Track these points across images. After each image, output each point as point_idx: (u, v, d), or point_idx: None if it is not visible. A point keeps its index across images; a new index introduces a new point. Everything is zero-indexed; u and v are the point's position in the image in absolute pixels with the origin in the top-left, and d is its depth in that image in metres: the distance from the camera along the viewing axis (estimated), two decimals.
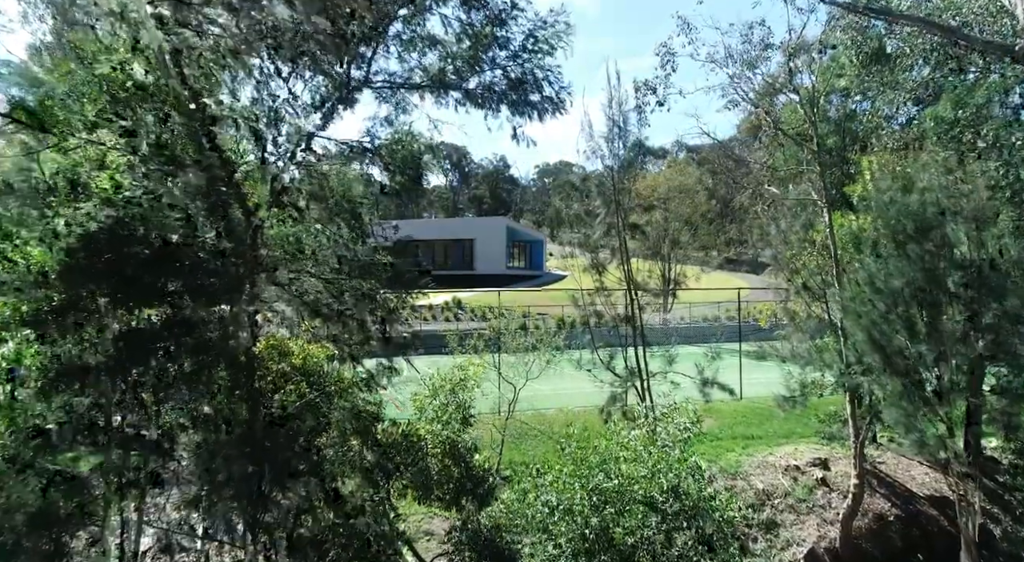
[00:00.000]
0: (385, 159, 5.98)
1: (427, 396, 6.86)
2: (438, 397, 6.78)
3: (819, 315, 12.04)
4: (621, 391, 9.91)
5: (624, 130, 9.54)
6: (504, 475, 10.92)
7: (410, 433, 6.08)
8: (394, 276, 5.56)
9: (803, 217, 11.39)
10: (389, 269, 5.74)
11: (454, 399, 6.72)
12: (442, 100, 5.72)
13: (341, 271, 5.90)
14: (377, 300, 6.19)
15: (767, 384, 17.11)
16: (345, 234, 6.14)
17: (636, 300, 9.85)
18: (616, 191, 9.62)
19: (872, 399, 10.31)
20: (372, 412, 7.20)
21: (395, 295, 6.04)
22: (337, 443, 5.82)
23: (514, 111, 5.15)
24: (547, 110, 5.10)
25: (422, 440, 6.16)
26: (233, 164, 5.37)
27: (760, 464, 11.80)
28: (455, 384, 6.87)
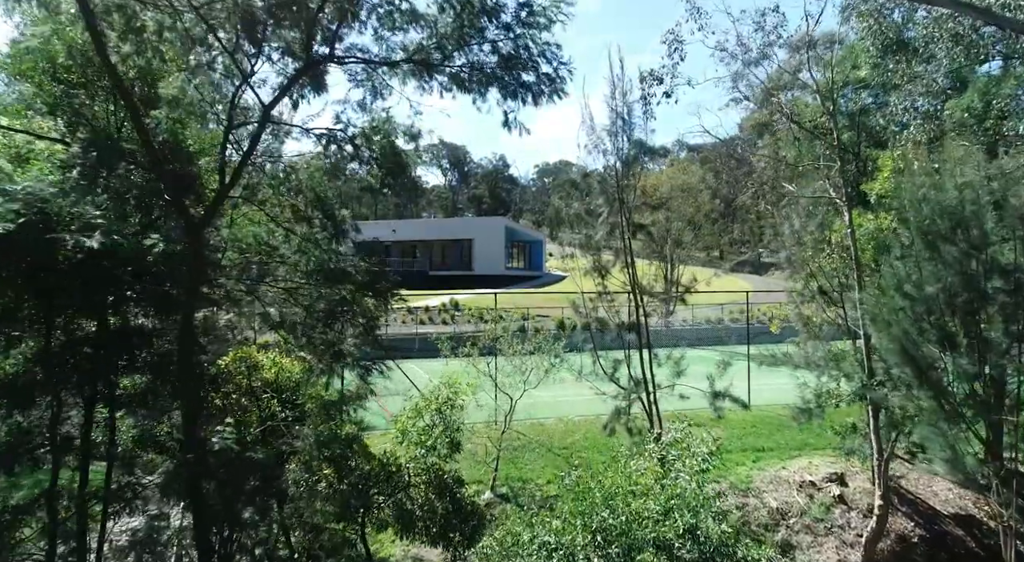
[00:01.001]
0: (360, 148, 5.26)
1: (410, 417, 6.15)
2: (423, 417, 6.06)
3: (835, 321, 11.33)
4: (625, 404, 9.19)
5: (628, 122, 8.83)
6: (500, 492, 10.22)
7: (388, 462, 5.36)
8: (370, 281, 4.84)
9: (819, 216, 10.67)
10: (366, 274, 5.04)
11: (441, 420, 6.01)
12: (425, 83, 5.01)
13: (312, 275, 5.20)
14: (355, 307, 5.49)
15: (776, 390, 16.39)
16: (318, 235, 5.44)
17: (642, 306, 9.13)
18: (620, 188, 8.90)
19: (897, 413, 9.59)
20: (351, 434, 6.49)
21: (374, 301, 5.35)
22: (308, 471, 5.11)
23: (505, 93, 4.44)
24: (543, 92, 4.39)
25: (403, 469, 5.45)
26: (183, 154, 4.66)
27: (773, 479, 11.09)
28: (442, 403, 6.16)
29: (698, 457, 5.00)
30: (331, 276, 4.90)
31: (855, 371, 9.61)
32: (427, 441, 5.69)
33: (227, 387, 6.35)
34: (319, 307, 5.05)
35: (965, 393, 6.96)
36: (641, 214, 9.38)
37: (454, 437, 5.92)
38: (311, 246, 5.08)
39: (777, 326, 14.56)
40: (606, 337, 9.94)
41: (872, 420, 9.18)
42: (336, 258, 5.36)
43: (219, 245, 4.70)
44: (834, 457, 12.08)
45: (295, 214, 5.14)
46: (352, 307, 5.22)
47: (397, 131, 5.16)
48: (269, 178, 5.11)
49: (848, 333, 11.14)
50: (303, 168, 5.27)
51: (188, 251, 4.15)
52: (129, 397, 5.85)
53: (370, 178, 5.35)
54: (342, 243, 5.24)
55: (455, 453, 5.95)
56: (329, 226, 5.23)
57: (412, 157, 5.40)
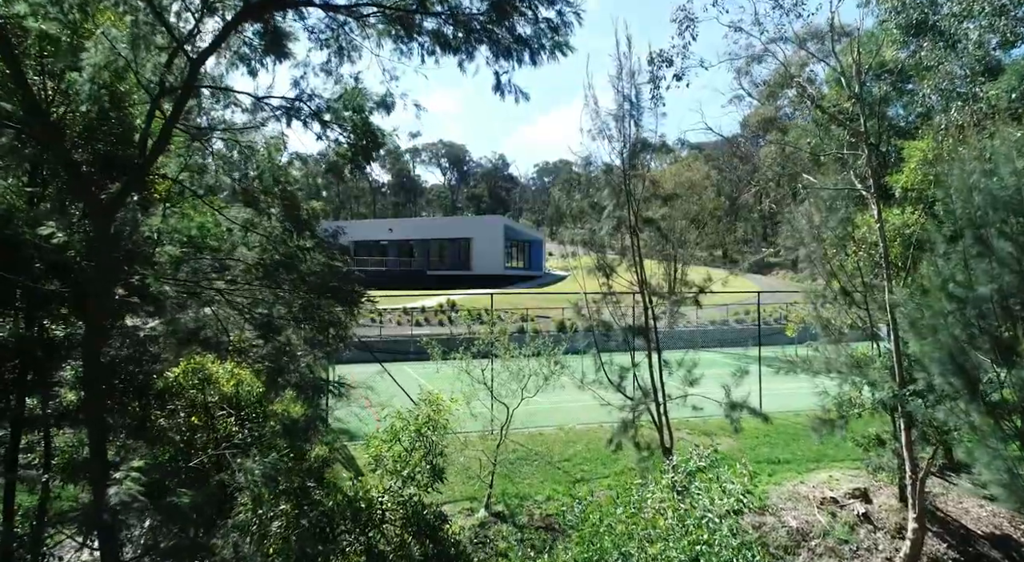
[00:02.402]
0: (329, 126, 4.43)
1: (384, 440, 5.30)
2: (400, 441, 5.22)
3: (856, 323, 10.52)
4: (633, 417, 8.36)
5: (637, 106, 8.00)
6: (496, 511, 9.38)
7: (356, 497, 4.54)
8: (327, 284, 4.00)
9: (841, 211, 9.84)
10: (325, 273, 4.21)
11: (421, 443, 5.18)
12: (403, 44, 4.17)
13: (269, 275, 4.36)
14: (318, 312, 4.66)
15: (789, 396, 15.55)
16: (276, 227, 4.60)
17: (651, 308, 8.31)
18: (626, 179, 8.07)
19: (930, 428, 8.77)
20: (322, 458, 5.65)
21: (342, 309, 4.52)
22: (257, 511, 4.28)
23: (496, 51, 3.60)
24: (543, 47, 3.56)
25: (374, 504, 4.62)
26: (112, 129, 3.82)
27: (791, 495, 10.26)
28: (422, 423, 5.32)
29: (730, 494, 4.17)
30: (271, 275, 4.08)
31: (884, 379, 8.80)
32: (404, 469, 4.86)
33: (175, 403, 5.51)
34: (259, 313, 4.25)
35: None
36: (648, 207, 8.52)
37: (436, 463, 5.08)
38: (264, 240, 4.27)
39: (793, 329, 13.73)
40: (610, 342, 9.11)
41: (904, 434, 8.35)
42: (302, 256, 4.54)
43: (150, 236, 3.89)
44: (855, 470, 11.26)
45: (246, 201, 4.33)
46: (315, 312, 4.42)
47: (369, 104, 4.34)
48: (218, 159, 4.30)
49: (872, 337, 10.35)
50: (262, 149, 4.45)
51: (97, 241, 3.34)
52: (58, 416, 5.02)
53: (340, 156, 4.53)
54: (303, 238, 4.42)
55: (437, 483, 5.12)
56: (291, 215, 4.41)
57: (390, 137, 4.59)
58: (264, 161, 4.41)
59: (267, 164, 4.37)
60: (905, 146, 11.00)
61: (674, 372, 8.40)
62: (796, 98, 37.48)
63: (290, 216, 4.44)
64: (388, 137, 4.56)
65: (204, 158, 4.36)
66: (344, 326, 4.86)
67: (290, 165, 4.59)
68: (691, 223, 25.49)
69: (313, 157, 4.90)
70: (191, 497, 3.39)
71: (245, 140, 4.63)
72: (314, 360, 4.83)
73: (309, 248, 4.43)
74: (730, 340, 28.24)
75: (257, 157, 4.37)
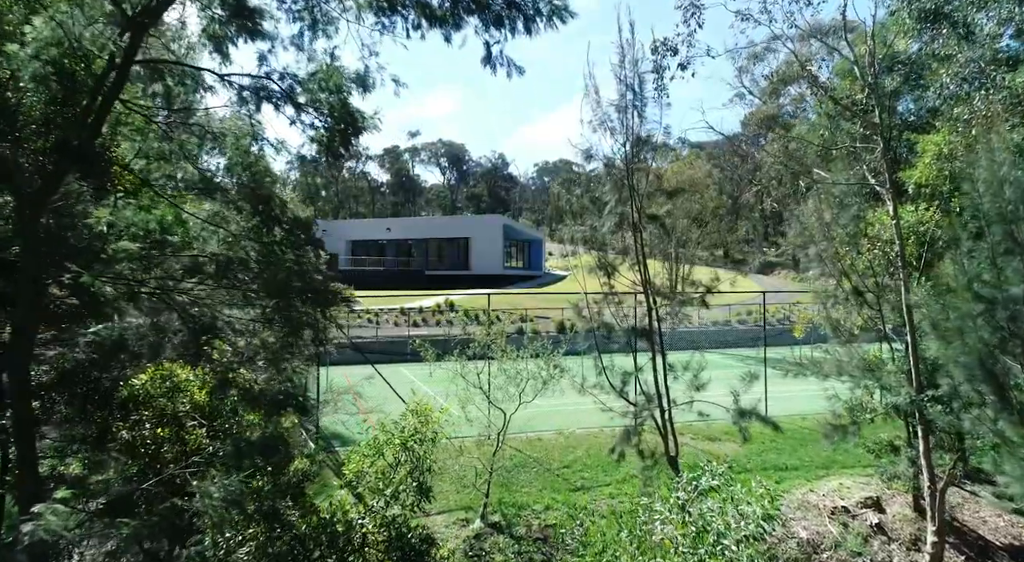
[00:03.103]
0: (304, 109, 4.00)
1: (366, 454, 4.85)
2: (383, 455, 4.78)
3: (868, 324, 10.09)
4: (636, 424, 7.93)
5: (640, 95, 7.57)
6: (492, 521, 8.95)
7: (334, 519, 4.10)
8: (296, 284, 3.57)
9: (854, 207, 9.41)
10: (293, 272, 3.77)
11: (407, 457, 4.74)
12: (386, 18, 3.75)
13: (220, 273, 3.92)
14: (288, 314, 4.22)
15: (794, 399, 15.14)
16: (243, 222, 4.17)
17: (655, 309, 7.88)
18: (630, 173, 7.64)
19: (951, 434, 8.35)
20: (303, 472, 5.22)
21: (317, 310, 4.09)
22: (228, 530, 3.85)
23: (487, 20, 3.17)
24: (539, 13, 3.12)
25: (353, 527, 4.19)
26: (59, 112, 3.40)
27: (800, 504, 9.82)
28: (408, 436, 4.88)
29: (748, 517, 3.73)
30: (223, 272, 3.65)
31: (900, 383, 8.37)
32: (387, 487, 4.43)
33: (141, 413, 5.09)
34: (196, 313, 3.82)
35: None
36: (652, 202, 8.09)
37: (423, 481, 4.65)
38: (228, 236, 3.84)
39: (801, 330, 13.31)
40: (612, 344, 8.67)
41: (922, 442, 7.92)
42: (264, 252, 4.11)
43: (101, 231, 3.46)
44: (866, 478, 10.83)
45: (207, 190, 3.90)
46: (286, 314, 3.99)
47: (348, 84, 3.91)
48: (176, 145, 3.87)
49: (885, 338, 9.92)
50: (230, 133, 4.02)
51: (24, 234, 2.91)
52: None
53: (313, 143, 4.11)
54: (271, 234, 4.00)
55: (425, 502, 4.69)
56: (264, 210, 3.98)
57: (371, 121, 4.15)
58: (233, 149, 3.98)
59: (235, 152, 3.95)
60: (919, 140, 10.57)
61: (680, 377, 7.97)
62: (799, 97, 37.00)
63: (261, 209, 4.02)
64: (369, 121, 4.14)
65: (166, 145, 3.94)
66: (322, 329, 4.44)
67: (260, 152, 4.17)
68: (692, 222, 25.06)
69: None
70: (145, 521, 2.96)
71: (216, 127, 4.21)
72: (284, 368, 4.40)
73: (277, 242, 4.01)
74: (733, 341, 27.82)
75: (225, 144, 3.95)
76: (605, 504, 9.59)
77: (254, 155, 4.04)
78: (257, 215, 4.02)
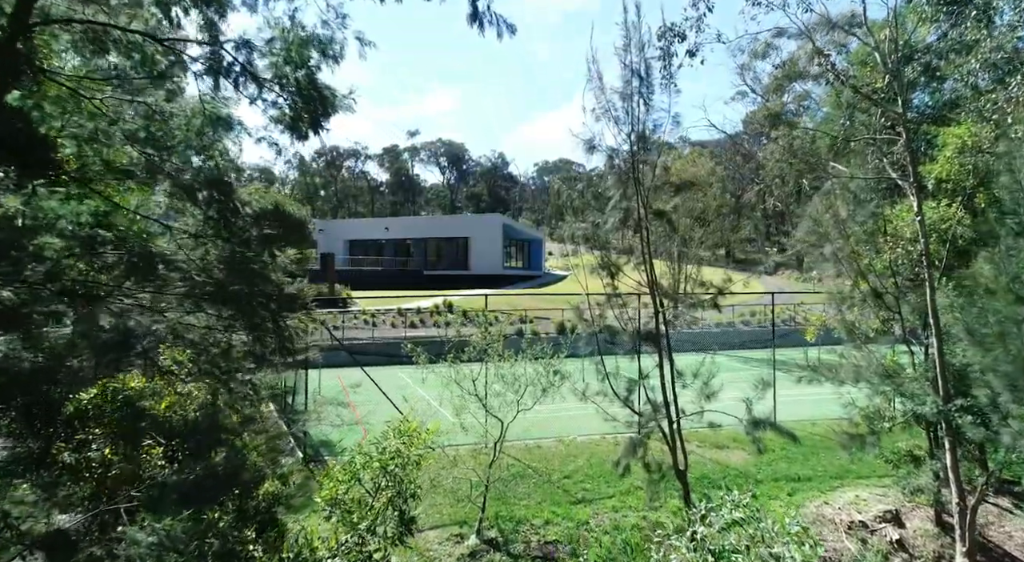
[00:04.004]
0: (267, 86, 3.45)
1: (341, 478, 4.29)
2: (361, 480, 4.22)
3: (886, 327, 9.54)
4: (642, 436, 7.38)
5: (647, 82, 7.02)
6: (488, 537, 8.39)
7: (300, 556, 3.57)
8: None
9: (872, 203, 8.86)
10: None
11: (388, 482, 4.19)
12: None
13: (136, 271, 3.37)
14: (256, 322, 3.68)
15: (805, 402, 14.60)
16: (194, 214, 3.62)
17: (662, 311, 7.33)
18: (635, 166, 7.09)
19: (976, 445, 7.81)
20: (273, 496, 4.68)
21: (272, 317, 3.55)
22: None
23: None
24: None
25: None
26: None
27: (815, 518, 9.27)
28: (388, 458, 4.31)
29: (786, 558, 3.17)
30: (138, 270, 3.10)
31: (924, 392, 7.82)
32: (362, 522, 3.88)
33: (90, 431, 4.54)
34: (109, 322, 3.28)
35: None
36: (658, 196, 7.53)
37: (406, 510, 4.09)
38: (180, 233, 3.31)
39: (813, 333, 12.76)
40: (616, 348, 8.11)
41: (949, 454, 7.35)
42: (234, 252, 3.57)
43: (22, 224, 2.92)
44: (883, 488, 10.29)
45: (151, 176, 3.37)
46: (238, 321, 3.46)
47: (312, 54, 3.37)
48: (113, 124, 3.33)
49: (906, 342, 9.37)
50: (180, 113, 3.48)
51: None
52: None
53: (276, 124, 3.58)
54: (231, 228, 3.46)
55: (409, 534, 4.13)
56: (219, 198, 3.44)
57: (344, 101, 3.61)
58: (184, 130, 3.45)
59: (187, 133, 3.41)
60: (939, 133, 10.02)
61: (689, 385, 7.41)
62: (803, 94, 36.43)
63: (218, 200, 3.49)
64: (342, 100, 3.60)
65: (103, 125, 3.40)
66: (287, 337, 3.90)
67: (216, 135, 3.63)
68: (695, 221, 24.50)
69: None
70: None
71: (167, 107, 3.66)
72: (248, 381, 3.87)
73: (235, 237, 3.47)
74: (737, 342, 27.25)
75: (175, 125, 3.41)
76: (608, 518, 9.05)
77: (209, 137, 3.51)
78: (213, 206, 3.48)
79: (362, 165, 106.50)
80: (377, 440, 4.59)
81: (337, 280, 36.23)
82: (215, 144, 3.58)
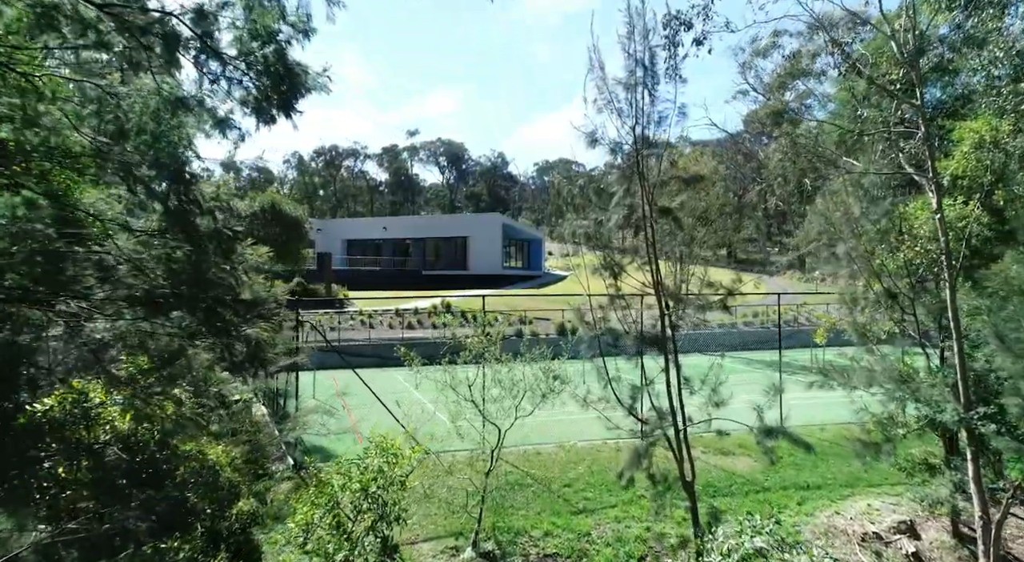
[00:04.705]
0: (232, 63, 3.06)
1: (316, 502, 3.86)
2: (339, 504, 3.79)
3: (897, 330, 9.15)
4: (647, 444, 6.98)
5: (651, 72, 6.63)
6: (485, 549, 8.00)
7: None
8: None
9: (887, 200, 8.48)
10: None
11: (369, 505, 3.79)
12: None
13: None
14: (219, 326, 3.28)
15: (811, 406, 14.20)
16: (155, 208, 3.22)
17: (668, 314, 6.93)
18: (640, 159, 6.70)
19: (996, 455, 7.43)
20: (247, 514, 4.29)
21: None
22: None
23: None
24: None
25: None
26: None
27: (826, 529, 8.88)
28: (371, 478, 3.90)
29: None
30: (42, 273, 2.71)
31: (944, 398, 7.43)
32: (338, 552, 3.48)
33: (44, 446, 4.14)
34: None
35: None
36: (664, 192, 7.14)
37: (389, 536, 3.68)
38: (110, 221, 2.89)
39: (823, 336, 12.39)
40: (619, 353, 7.71)
41: (972, 465, 6.96)
42: (199, 252, 3.18)
43: None
44: (896, 497, 9.91)
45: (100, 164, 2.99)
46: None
47: (285, 28, 2.99)
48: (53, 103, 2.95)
49: (920, 345, 8.98)
50: (134, 93, 3.10)
51: None
52: None
53: (242, 106, 3.19)
54: (186, 207, 3.05)
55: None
56: (168, 174, 3.02)
57: (317, 80, 3.23)
58: (139, 112, 3.06)
59: (140, 115, 3.02)
60: (954, 127, 9.63)
61: (696, 391, 7.02)
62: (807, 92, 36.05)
63: (178, 192, 3.09)
64: (315, 79, 3.21)
65: (41, 105, 3.01)
66: (253, 345, 3.51)
67: (177, 120, 3.23)
68: (698, 220, 24.05)
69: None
70: None
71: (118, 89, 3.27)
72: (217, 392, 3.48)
73: (194, 235, 3.08)
74: (740, 344, 26.87)
75: (126, 107, 3.02)
76: (610, 529, 8.66)
77: (167, 122, 3.12)
78: (172, 200, 3.09)
79: (361, 165, 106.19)
80: (359, 456, 4.18)
81: (335, 280, 35.84)
82: (175, 130, 3.19)
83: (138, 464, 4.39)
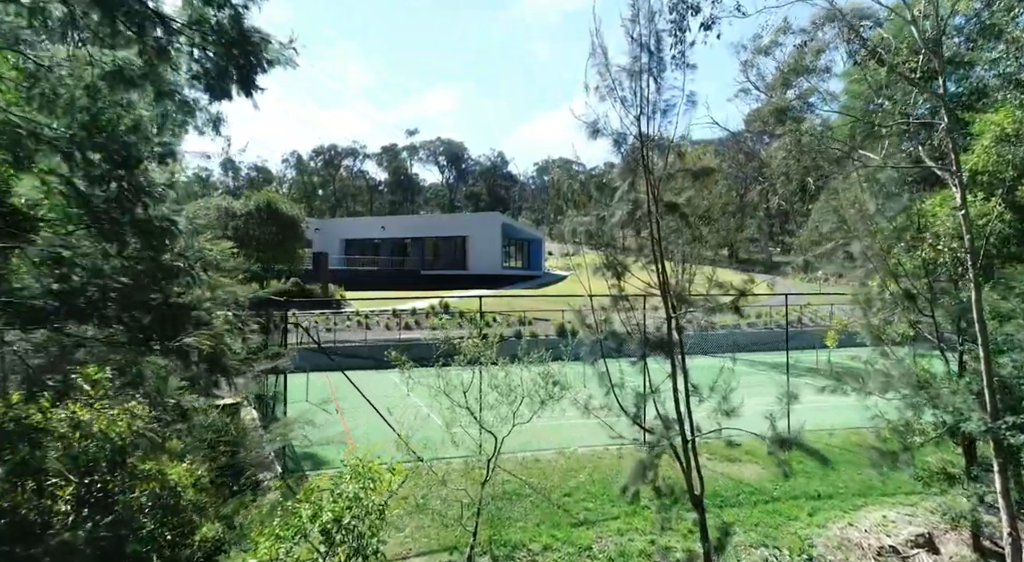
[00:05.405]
0: (169, 19, 2.63)
1: (283, 533, 3.42)
2: (308, 537, 3.35)
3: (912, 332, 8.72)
4: (652, 456, 6.55)
5: (657, 57, 6.20)
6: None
7: None
8: None
9: (904, 196, 8.06)
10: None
11: (343, 537, 3.37)
12: None
13: None
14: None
15: (820, 410, 13.70)
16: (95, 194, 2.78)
17: (675, 317, 6.49)
18: (644, 150, 6.26)
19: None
20: (212, 539, 3.87)
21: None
22: None
23: None
24: None
25: None
26: None
27: (840, 542, 8.45)
28: (345, 507, 3.46)
29: None
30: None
31: (968, 406, 7.00)
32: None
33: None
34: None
35: None
36: (671, 186, 6.68)
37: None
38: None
39: (834, 338, 11.94)
40: (621, 358, 7.27)
41: (999, 477, 6.53)
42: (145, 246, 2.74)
43: None
44: (911, 507, 9.47)
45: (30, 140, 2.57)
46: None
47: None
48: None
49: (939, 349, 8.55)
50: (65, 65, 2.68)
51: None
52: None
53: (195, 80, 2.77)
54: (134, 202, 2.61)
55: None
56: (112, 157, 2.59)
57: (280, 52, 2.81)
58: (73, 86, 2.63)
59: (72, 89, 2.60)
60: (973, 120, 9.20)
61: (705, 398, 6.58)
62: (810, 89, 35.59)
63: (115, 174, 2.67)
64: (277, 51, 2.79)
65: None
66: (207, 357, 3.08)
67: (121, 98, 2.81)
68: (700, 218, 23.64)
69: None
70: None
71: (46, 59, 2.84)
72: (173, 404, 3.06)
73: (132, 223, 2.65)
74: (743, 344, 26.42)
75: (55, 81, 2.60)
76: (613, 543, 8.23)
77: (104, 97, 2.69)
78: (107, 182, 2.66)
79: (360, 164, 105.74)
80: (333, 480, 3.74)
81: (331, 280, 35.41)
82: (113, 108, 2.77)
83: (88, 487, 3.96)
